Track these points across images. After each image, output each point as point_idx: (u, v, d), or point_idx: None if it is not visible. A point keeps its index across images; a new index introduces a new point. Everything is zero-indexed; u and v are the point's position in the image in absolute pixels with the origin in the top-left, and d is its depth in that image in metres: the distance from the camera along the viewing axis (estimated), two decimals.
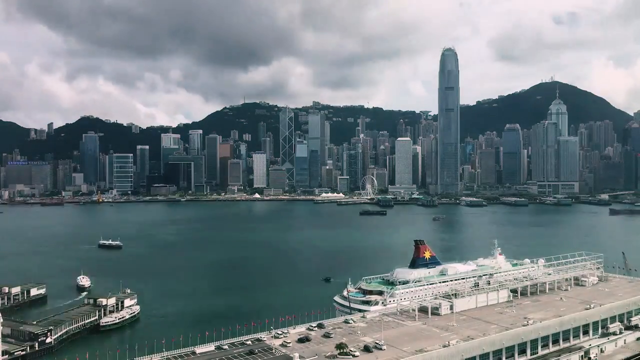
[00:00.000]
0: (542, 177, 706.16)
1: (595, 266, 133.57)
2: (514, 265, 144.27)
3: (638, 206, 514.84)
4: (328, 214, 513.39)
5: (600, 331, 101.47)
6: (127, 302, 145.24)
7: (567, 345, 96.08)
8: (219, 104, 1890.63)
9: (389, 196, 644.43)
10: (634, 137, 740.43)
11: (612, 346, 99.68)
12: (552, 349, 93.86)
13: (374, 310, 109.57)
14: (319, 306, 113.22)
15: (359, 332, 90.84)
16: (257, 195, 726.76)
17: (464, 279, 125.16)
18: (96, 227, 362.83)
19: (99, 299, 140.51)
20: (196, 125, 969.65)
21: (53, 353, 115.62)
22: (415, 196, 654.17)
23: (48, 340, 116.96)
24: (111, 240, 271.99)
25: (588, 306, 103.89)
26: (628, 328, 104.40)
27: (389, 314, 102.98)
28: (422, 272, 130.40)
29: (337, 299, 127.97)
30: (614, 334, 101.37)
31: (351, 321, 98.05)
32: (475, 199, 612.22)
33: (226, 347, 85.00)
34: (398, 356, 78.44)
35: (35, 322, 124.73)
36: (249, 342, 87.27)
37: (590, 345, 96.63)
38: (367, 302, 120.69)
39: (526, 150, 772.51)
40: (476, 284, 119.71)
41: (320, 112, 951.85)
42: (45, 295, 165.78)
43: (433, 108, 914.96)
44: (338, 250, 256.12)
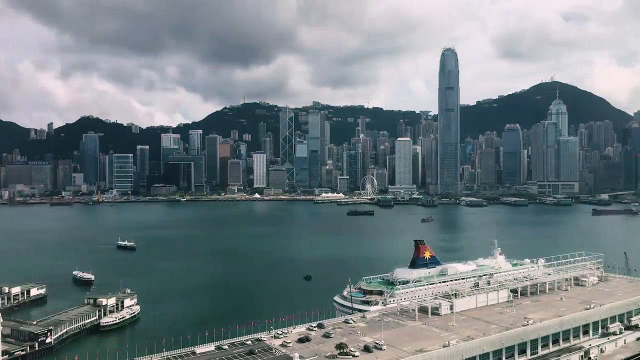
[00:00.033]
0: (542, 177, 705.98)
1: (595, 266, 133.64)
2: (514, 265, 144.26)
3: (621, 206, 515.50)
4: (313, 214, 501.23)
5: (600, 331, 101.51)
6: (127, 302, 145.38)
7: (567, 345, 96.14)
8: (217, 103, 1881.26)
9: (389, 196, 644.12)
10: (634, 137, 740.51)
11: (612, 346, 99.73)
12: (552, 349, 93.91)
13: (374, 310, 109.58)
14: (319, 306, 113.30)
15: (359, 332, 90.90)
16: (257, 195, 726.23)
17: (464, 279, 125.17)
18: (112, 227, 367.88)
19: (99, 299, 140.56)
20: (196, 125, 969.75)
21: (53, 353, 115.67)
22: (415, 196, 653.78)
23: (48, 340, 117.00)
24: (126, 241, 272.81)
25: (588, 306, 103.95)
26: (628, 328, 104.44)
27: (389, 314, 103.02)
28: (422, 272, 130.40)
29: (337, 299, 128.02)
30: (614, 334, 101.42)
31: (351, 321, 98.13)
32: (475, 199, 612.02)
33: (226, 347, 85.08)
34: (398, 356, 78.48)
35: (35, 322, 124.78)
36: (249, 342, 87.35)
37: (590, 345, 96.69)
38: (367, 302, 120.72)
39: (526, 150, 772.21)
40: (476, 284, 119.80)
41: (320, 112, 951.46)
42: (45, 295, 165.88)
43: (433, 108, 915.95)
44: (308, 264, 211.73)
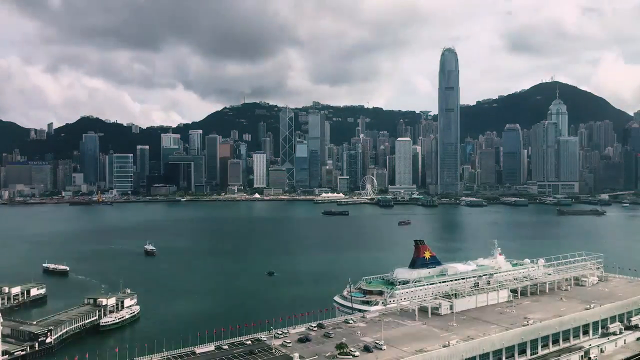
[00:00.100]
0: (542, 177, 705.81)
1: (595, 266, 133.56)
2: (514, 265, 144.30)
3: (589, 206, 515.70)
4: (285, 216, 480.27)
5: (600, 331, 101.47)
6: (127, 302, 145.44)
7: (567, 345, 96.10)
8: (214, 100, 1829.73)
9: (389, 196, 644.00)
10: (634, 137, 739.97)
11: (612, 346, 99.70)
12: (552, 349, 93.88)
13: (374, 310, 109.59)
14: (319, 306, 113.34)
15: (359, 332, 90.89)
16: (257, 195, 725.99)
17: (464, 279, 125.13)
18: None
19: (99, 299, 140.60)
20: (196, 125, 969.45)
21: (53, 353, 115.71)
22: (415, 196, 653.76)
23: (48, 340, 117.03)
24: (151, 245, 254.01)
25: (588, 306, 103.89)
26: (628, 328, 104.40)
27: (389, 314, 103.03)
28: (422, 272, 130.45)
29: (337, 299, 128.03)
30: (614, 334, 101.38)
31: (351, 321, 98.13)
32: (475, 199, 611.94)
33: (226, 347, 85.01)
34: (398, 356, 78.47)
35: (35, 322, 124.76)
36: (249, 342, 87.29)
37: (590, 345, 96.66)
38: (367, 302, 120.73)
39: (526, 150, 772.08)
40: (476, 284, 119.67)
41: (320, 112, 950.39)
42: (45, 295, 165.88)
43: (433, 108, 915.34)
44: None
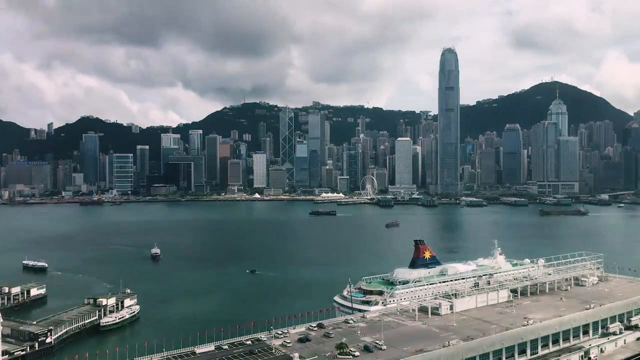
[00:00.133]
0: (542, 177, 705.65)
1: (595, 266, 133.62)
2: (514, 265, 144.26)
3: (572, 207, 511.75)
4: (274, 217, 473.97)
5: (600, 331, 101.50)
6: (127, 302, 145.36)
7: (567, 345, 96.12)
8: (211, 98, 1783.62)
9: (389, 196, 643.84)
10: (634, 137, 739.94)
11: (612, 346, 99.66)
12: (552, 349, 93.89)
13: (374, 310, 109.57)
14: (319, 306, 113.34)
15: (359, 332, 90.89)
16: (257, 195, 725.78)
17: (464, 279, 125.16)
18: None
19: (99, 299, 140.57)
20: (196, 125, 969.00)
21: (53, 353, 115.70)
22: (415, 196, 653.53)
23: (48, 340, 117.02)
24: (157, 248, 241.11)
25: (588, 306, 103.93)
26: (628, 328, 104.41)
27: (389, 314, 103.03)
28: (422, 272, 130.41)
29: (337, 299, 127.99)
30: (614, 334, 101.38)
31: (351, 321, 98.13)
32: (475, 199, 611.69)
33: (226, 347, 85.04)
34: (398, 356, 78.47)
35: (35, 322, 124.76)
36: (248, 342, 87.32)
37: (590, 345, 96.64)
38: (367, 302, 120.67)
39: (526, 150, 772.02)
40: (476, 284, 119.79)
41: (320, 112, 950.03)
42: (45, 295, 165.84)
43: (433, 108, 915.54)
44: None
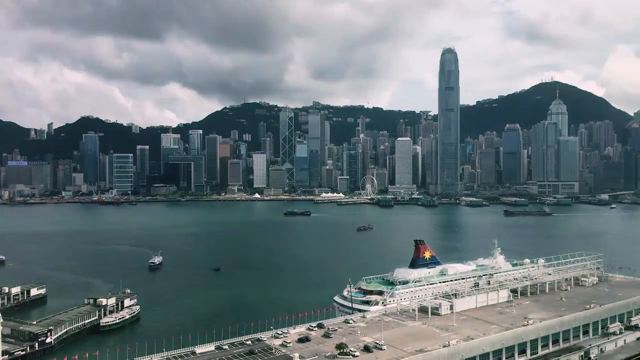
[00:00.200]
0: (542, 177, 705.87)
1: (595, 266, 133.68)
2: (514, 265, 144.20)
3: (536, 207, 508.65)
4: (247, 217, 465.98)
5: (600, 331, 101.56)
6: (127, 302, 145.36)
7: (567, 345, 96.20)
8: (210, 93, 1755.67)
9: (389, 196, 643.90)
10: (634, 137, 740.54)
11: (612, 346, 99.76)
12: (552, 349, 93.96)
13: (374, 310, 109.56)
14: (319, 306, 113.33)
15: (359, 332, 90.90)
16: (257, 195, 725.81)
17: (464, 279, 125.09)
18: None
19: (99, 299, 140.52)
20: (196, 125, 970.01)
21: (53, 353, 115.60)
22: (415, 196, 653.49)
23: (48, 340, 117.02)
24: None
25: (588, 306, 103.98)
26: (628, 328, 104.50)
27: (389, 314, 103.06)
28: (422, 272, 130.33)
29: (337, 299, 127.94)
30: (614, 334, 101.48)
31: (351, 321, 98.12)
32: (475, 199, 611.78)
33: (226, 347, 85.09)
34: (398, 356, 78.49)
35: (35, 322, 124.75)
36: (249, 342, 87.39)
37: (590, 345, 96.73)
38: (367, 302, 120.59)
39: (526, 150, 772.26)
40: (476, 284, 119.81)
41: (320, 112, 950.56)
42: (45, 295, 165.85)
43: (433, 108, 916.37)
44: None
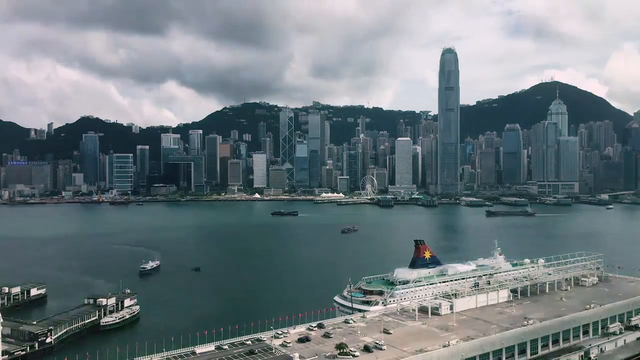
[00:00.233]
0: (542, 177, 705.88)
1: (595, 266, 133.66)
2: (514, 265, 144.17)
3: (519, 208, 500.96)
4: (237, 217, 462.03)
5: (600, 331, 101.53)
6: (127, 302, 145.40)
7: (567, 345, 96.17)
8: (208, 91, 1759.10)
9: (389, 196, 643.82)
10: (634, 137, 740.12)
11: (612, 346, 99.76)
12: (552, 349, 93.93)
13: (374, 310, 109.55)
14: (319, 306, 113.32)
15: (359, 332, 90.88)
16: (257, 195, 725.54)
17: (464, 279, 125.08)
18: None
19: (99, 299, 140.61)
20: (196, 125, 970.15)
21: (53, 353, 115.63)
22: (415, 196, 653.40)
23: (48, 340, 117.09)
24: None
25: (588, 306, 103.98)
26: (628, 328, 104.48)
27: (389, 314, 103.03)
28: (422, 272, 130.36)
29: (337, 299, 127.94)
30: (614, 334, 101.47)
31: (351, 321, 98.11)
32: (475, 199, 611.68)
33: (226, 347, 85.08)
34: (398, 356, 78.49)
35: (35, 322, 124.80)
36: (249, 342, 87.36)
37: (590, 345, 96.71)
38: (367, 302, 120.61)
39: (526, 150, 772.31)
40: (476, 284, 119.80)
41: (320, 112, 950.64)
42: (45, 295, 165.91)
43: (433, 108, 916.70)
44: None
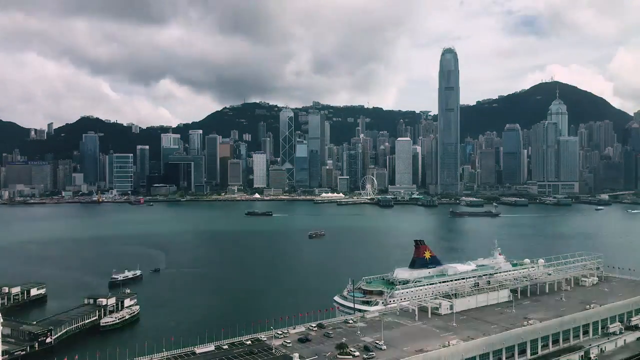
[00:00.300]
0: (542, 177, 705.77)
1: (595, 266, 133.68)
2: (514, 265, 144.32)
3: (486, 208, 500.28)
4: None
5: (600, 331, 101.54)
6: (127, 302, 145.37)
7: (567, 345, 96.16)
8: (201, 89, 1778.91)
9: (389, 196, 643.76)
10: (634, 137, 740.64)
11: (612, 346, 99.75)
12: (552, 349, 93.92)
13: (374, 310, 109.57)
14: (319, 306, 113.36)
15: (359, 332, 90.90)
16: (257, 195, 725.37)
17: (464, 279, 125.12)
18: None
19: (99, 299, 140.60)
20: (196, 125, 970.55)
21: (53, 353, 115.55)
22: (415, 196, 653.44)
23: (48, 340, 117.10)
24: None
25: (588, 306, 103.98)
26: (628, 328, 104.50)
27: (389, 314, 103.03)
28: (422, 272, 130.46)
29: (337, 299, 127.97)
30: (614, 334, 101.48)
31: (351, 321, 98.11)
32: (475, 198, 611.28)
33: (226, 347, 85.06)
34: (398, 356, 78.49)
35: (35, 322, 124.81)
36: (249, 342, 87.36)
37: (590, 345, 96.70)
38: (367, 302, 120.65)
39: (526, 150, 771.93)
40: (476, 284, 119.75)
41: (320, 112, 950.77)
42: (45, 295, 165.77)
43: (433, 108, 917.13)
44: None
